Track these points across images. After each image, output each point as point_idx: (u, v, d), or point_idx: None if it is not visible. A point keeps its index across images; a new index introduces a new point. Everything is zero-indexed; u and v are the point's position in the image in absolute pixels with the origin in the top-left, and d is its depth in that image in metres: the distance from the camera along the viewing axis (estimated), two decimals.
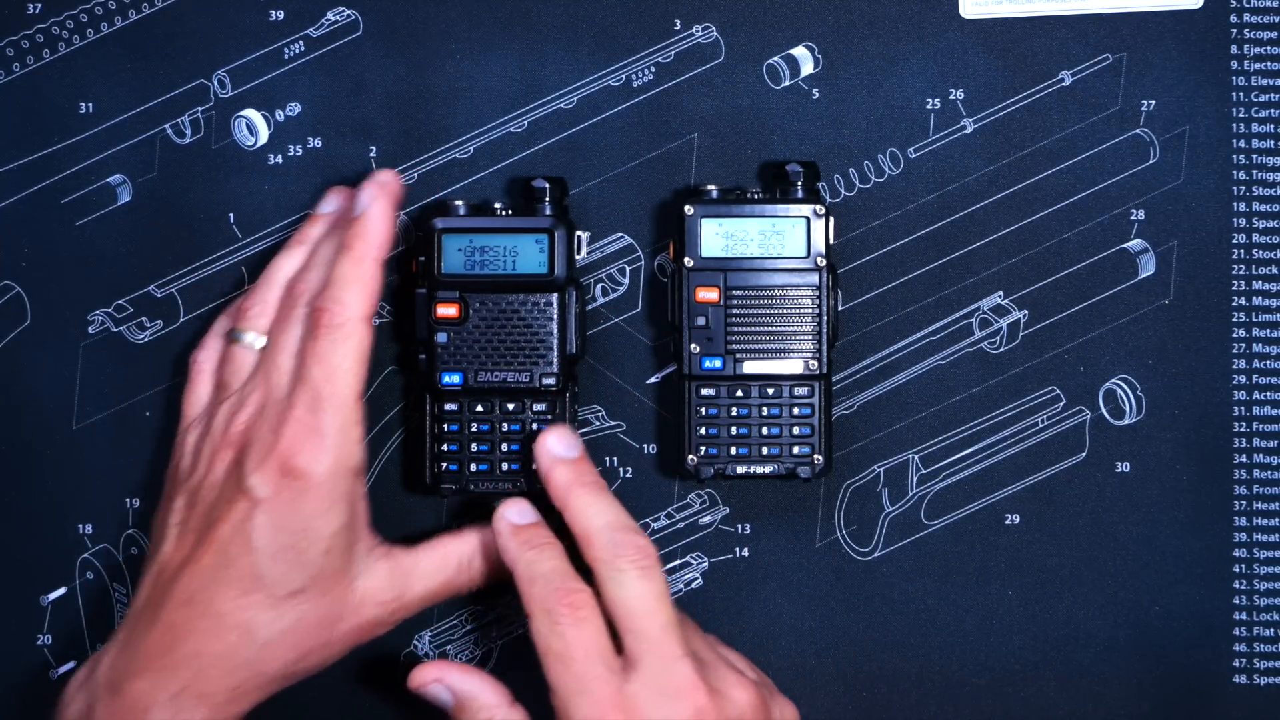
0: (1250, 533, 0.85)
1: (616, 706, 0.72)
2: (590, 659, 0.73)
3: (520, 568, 0.75)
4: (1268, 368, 0.85)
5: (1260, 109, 0.85)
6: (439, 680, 0.76)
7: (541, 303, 0.80)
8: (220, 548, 0.74)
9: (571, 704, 0.72)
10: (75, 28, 0.85)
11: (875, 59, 0.85)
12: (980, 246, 0.85)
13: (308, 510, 0.74)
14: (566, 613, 0.73)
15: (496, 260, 0.81)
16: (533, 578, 0.75)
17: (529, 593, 0.74)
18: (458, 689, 0.76)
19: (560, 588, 0.74)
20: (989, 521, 0.85)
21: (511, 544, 0.76)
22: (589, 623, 0.73)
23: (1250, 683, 0.85)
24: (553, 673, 0.73)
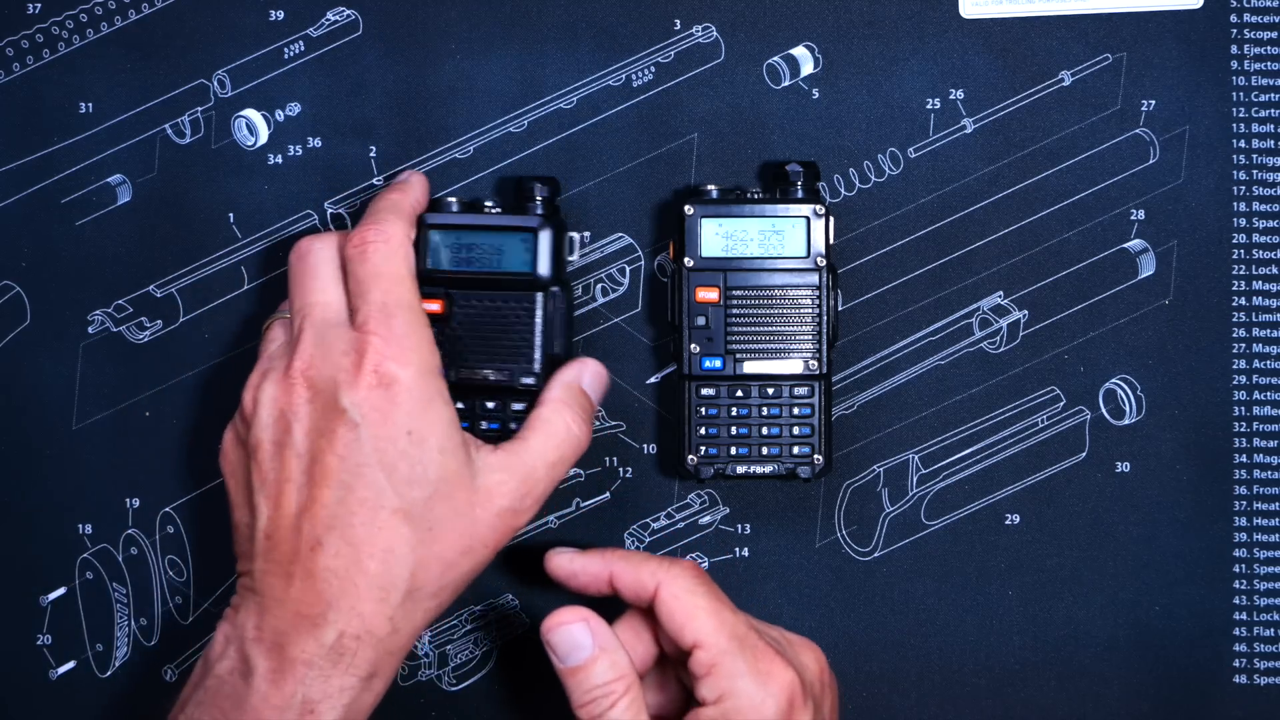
0: (1250, 533, 0.85)
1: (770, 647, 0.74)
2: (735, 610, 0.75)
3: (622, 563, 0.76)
4: (1268, 368, 0.85)
5: (1260, 109, 0.85)
6: (585, 621, 0.74)
7: (524, 302, 0.80)
8: (336, 480, 0.72)
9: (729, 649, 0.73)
10: (75, 28, 0.85)
11: (875, 59, 0.85)
12: (980, 246, 0.85)
13: (410, 414, 0.73)
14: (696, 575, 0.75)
15: (482, 258, 0.80)
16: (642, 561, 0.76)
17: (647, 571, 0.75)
18: (601, 637, 0.74)
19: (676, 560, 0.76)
20: (989, 521, 0.85)
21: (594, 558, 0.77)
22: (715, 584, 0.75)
23: (1250, 683, 0.85)
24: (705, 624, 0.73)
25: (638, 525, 0.85)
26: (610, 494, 0.86)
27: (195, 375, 0.85)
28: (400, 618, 0.72)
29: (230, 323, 0.85)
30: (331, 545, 0.72)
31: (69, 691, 0.86)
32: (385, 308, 0.74)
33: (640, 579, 0.75)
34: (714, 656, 0.73)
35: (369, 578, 0.72)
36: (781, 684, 0.73)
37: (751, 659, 0.73)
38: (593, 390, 0.79)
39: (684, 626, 0.73)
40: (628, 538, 0.85)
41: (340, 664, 0.71)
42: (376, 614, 0.72)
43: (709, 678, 0.73)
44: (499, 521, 0.74)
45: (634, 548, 0.85)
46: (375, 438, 0.72)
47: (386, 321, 0.73)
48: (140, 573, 0.86)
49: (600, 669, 0.73)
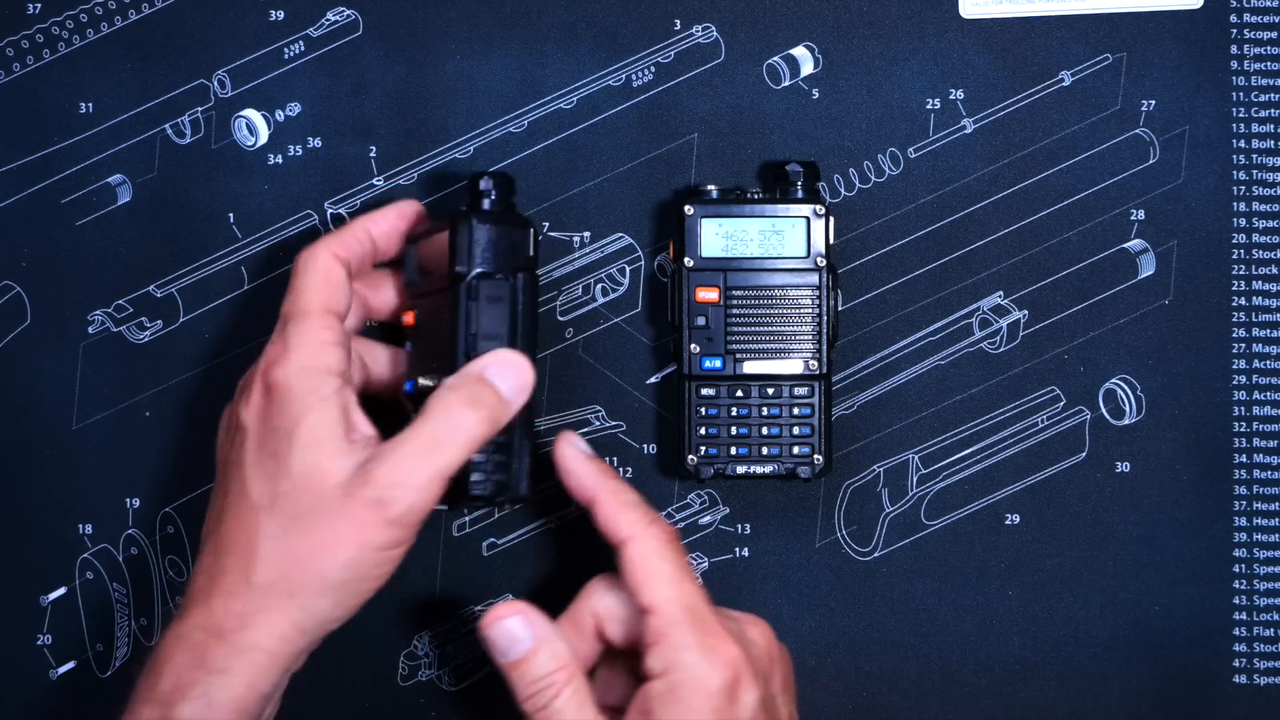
0: (1250, 533, 0.85)
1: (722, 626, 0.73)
2: (697, 582, 0.74)
3: (608, 496, 0.75)
4: (1268, 368, 0.85)
5: (1260, 109, 0.85)
6: (521, 614, 0.74)
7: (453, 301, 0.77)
8: (224, 484, 0.74)
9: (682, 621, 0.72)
10: (75, 28, 0.85)
11: (875, 59, 0.85)
12: (980, 246, 0.85)
13: (283, 411, 0.73)
14: (670, 539, 0.74)
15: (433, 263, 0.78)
16: (626, 504, 0.75)
17: (625, 518, 0.74)
18: (539, 629, 0.74)
19: (657, 518, 0.75)
20: (989, 521, 0.85)
21: (590, 473, 0.76)
22: (685, 554, 0.75)
23: (1250, 683, 0.85)
24: (663, 590, 0.73)
25: None
26: None
27: (195, 375, 0.85)
28: (250, 613, 0.71)
29: (230, 323, 0.85)
30: (208, 544, 0.74)
31: (69, 691, 0.86)
32: (284, 317, 0.75)
33: (616, 523, 0.75)
34: (664, 625, 0.72)
35: (225, 573, 0.72)
36: (727, 659, 0.72)
37: (701, 633, 0.73)
38: (501, 379, 0.75)
39: (642, 587, 0.73)
40: None
41: (192, 657, 0.71)
42: (223, 608, 0.71)
43: (657, 647, 0.73)
44: (366, 513, 0.71)
45: None
46: (254, 439, 0.73)
47: (281, 329, 0.75)
48: (140, 573, 0.86)
49: (540, 660, 0.73)
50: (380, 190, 0.85)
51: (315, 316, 0.75)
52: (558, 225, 0.85)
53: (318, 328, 0.75)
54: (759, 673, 0.74)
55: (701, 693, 0.72)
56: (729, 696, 0.72)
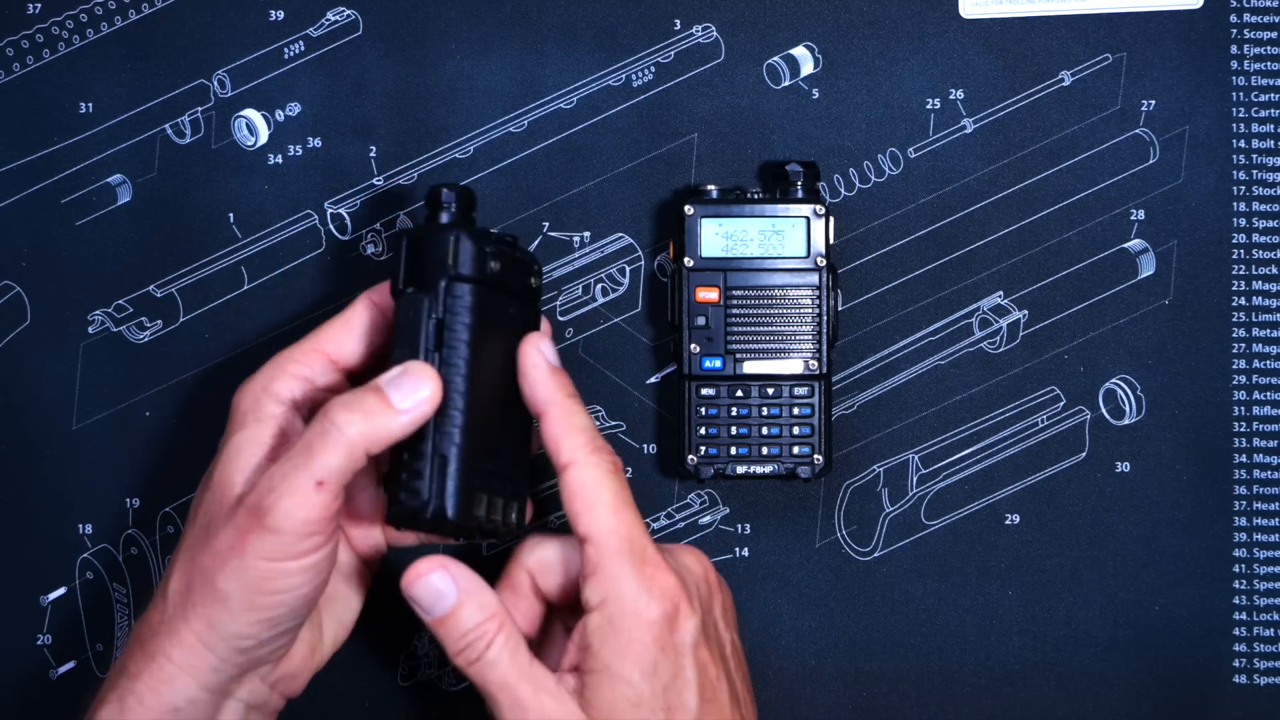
0: (1250, 533, 0.85)
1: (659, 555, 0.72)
2: (636, 511, 0.72)
3: (556, 414, 0.74)
4: (1268, 368, 0.85)
5: (1260, 109, 0.85)
6: (443, 569, 0.72)
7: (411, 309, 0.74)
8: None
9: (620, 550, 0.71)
10: (75, 28, 0.85)
11: (875, 59, 0.85)
12: (980, 246, 0.85)
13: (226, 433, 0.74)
14: (612, 468, 0.72)
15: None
16: (573, 428, 0.73)
17: (568, 442, 0.73)
18: (463, 582, 0.72)
19: (602, 446, 0.73)
20: (989, 521, 0.85)
21: (549, 382, 0.74)
22: (626, 485, 0.73)
23: (1250, 683, 0.85)
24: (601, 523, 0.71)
25: None
26: None
27: (195, 375, 0.85)
28: (160, 622, 0.71)
29: (230, 323, 0.85)
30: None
31: (69, 691, 0.86)
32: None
33: (559, 444, 0.73)
34: (601, 556, 0.71)
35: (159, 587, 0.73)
36: (664, 588, 0.71)
37: (638, 563, 0.71)
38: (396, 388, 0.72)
39: (580, 515, 0.72)
40: None
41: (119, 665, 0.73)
42: (145, 618, 0.73)
43: (594, 578, 0.71)
44: (247, 521, 0.70)
45: None
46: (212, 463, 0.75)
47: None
48: (140, 573, 0.86)
49: (468, 612, 0.71)
50: (380, 190, 0.85)
51: (298, 349, 0.75)
52: (558, 225, 0.85)
53: (290, 359, 0.75)
54: (698, 600, 0.73)
55: (640, 623, 0.71)
56: (668, 625, 0.71)
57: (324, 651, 0.76)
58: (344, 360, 0.76)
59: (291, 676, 0.75)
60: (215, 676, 0.71)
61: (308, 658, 0.75)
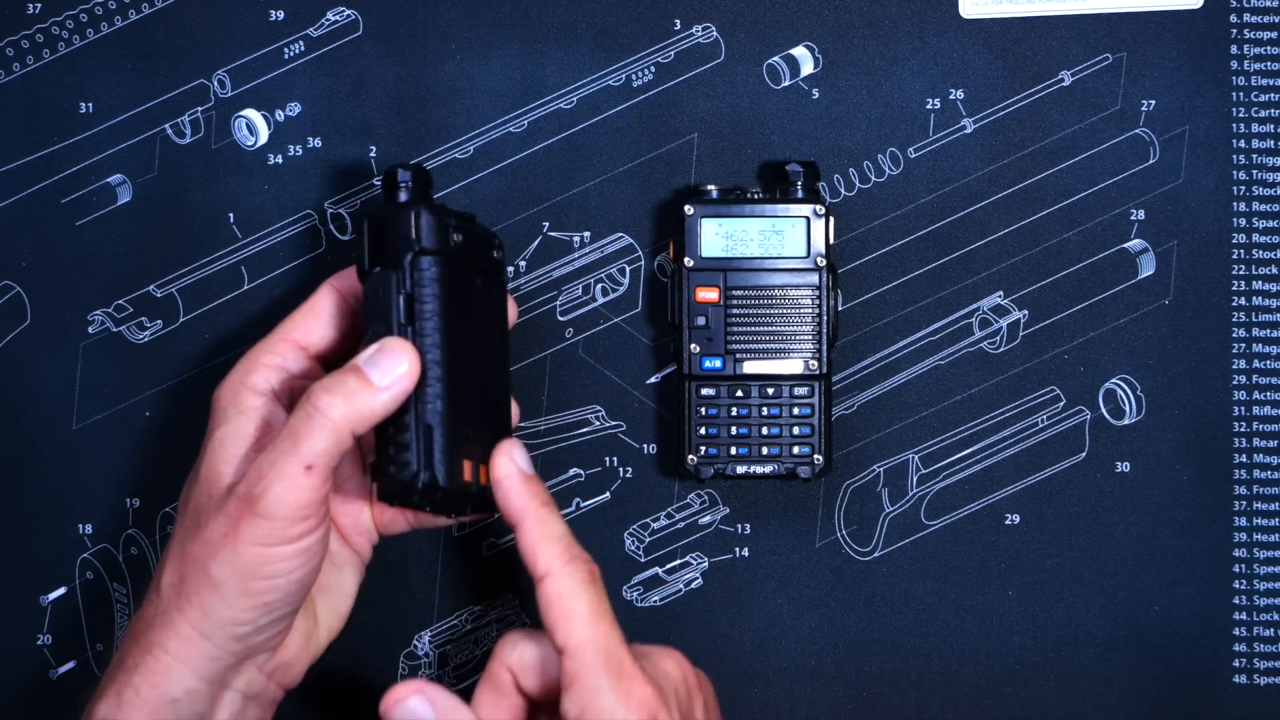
0: (1250, 533, 0.85)
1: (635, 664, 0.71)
2: (613, 623, 0.71)
3: (531, 523, 0.73)
4: (1268, 368, 0.85)
5: (1260, 109, 0.85)
6: (420, 693, 0.72)
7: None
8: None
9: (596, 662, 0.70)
10: (75, 28, 0.85)
11: (875, 59, 0.85)
12: (980, 246, 0.85)
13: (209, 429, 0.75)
14: (588, 578, 0.71)
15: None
16: (549, 537, 0.72)
17: (544, 553, 0.72)
18: (440, 704, 0.72)
19: (578, 554, 0.72)
20: (989, 521, 0.85)
21: (520, 493, 0.73)
22: (604, 592, 0.72)
23: (1250, 683, 0.85)
24: (578, 632, 0.71)
25: (638, 525, 0.85)
26: (610, 494, 0.86)
27: (195, 375, 0.85)
28: (155, 615, 0.72)
29: (230, 323, 0.85)
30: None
31: (69, 691, 0.86)
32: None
33: (535, 556, 0.72)
34: (578, 668, 0.71)
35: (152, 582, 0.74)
36: (641, 699, 0.71)
37: (615, 676, 0.70)
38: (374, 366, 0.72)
39: (557, 626, 0.71)
40: (628, 538, 0.85)
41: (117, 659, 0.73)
42: (140, 612, 0.73)
43: (572, 690, 0.71)
44: (238, 508, 0.70)
45: (634, 548, 0.86)
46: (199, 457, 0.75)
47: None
48: (140, 573, 0.86)
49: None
50: (379, 190, 0.83)
51: (270, 340, 0.76)
52: (558, 225, 0.85)
53: (263, 351, 0.76)
54: (677, 707, 0.73)
55: None
56: None
57: (320, 640, 0.77)
58: (314, 346, 0.77)
59: (288, 665, 0.75)
60: (212, 666, 0.71)
61: (304, 646, 0.76)
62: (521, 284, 0.85)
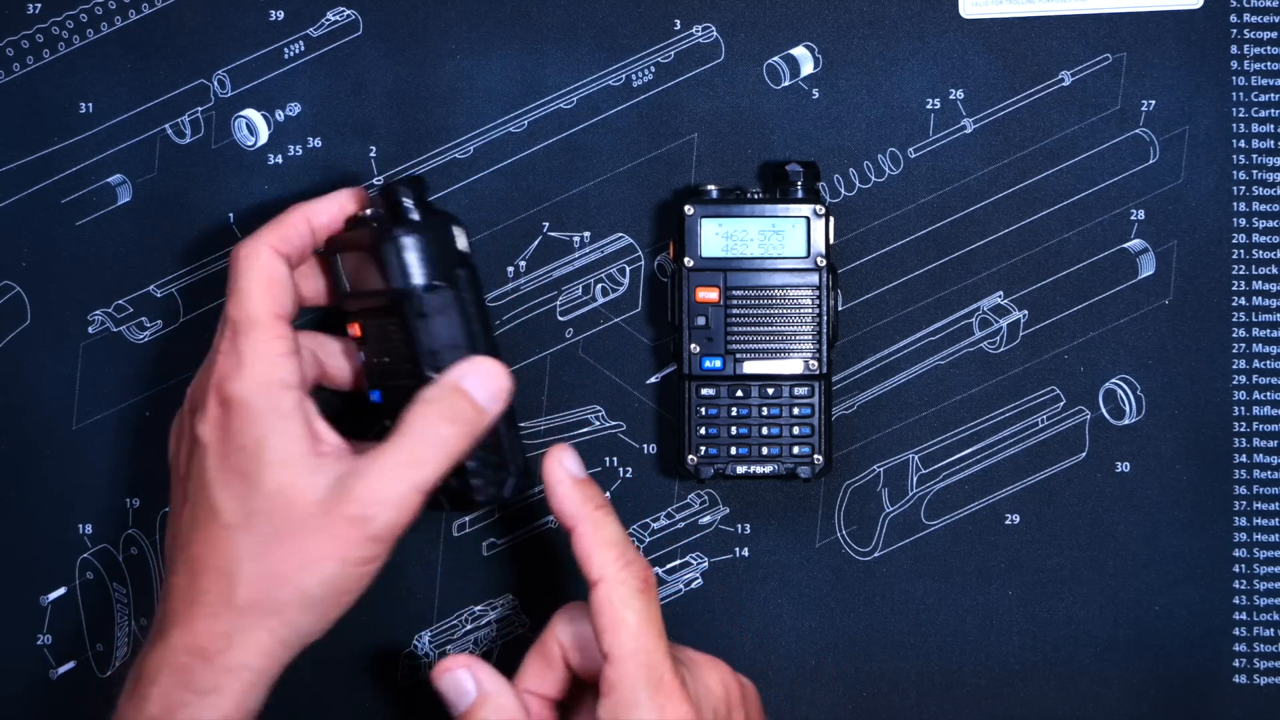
0: (1250, 533, 0.85)
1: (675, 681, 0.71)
2: (660, 637, 0.72)
3: (586, 528, 0.73)
4: (1268, 368, 0.85)
5: (1260, 109, 0.85)
6: (468, 668, 0.74)
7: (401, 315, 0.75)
8: (189, 500, 0.73)
9: (637, 677, 0.71)
10: (75, 28, 0.86)
11: (875, 59, 0.85)
12: (980, 246, 0.85)
13: (245, 430, 0.72)
14: (642, 586, 0.72)
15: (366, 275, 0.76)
16: (604, 542, 0.73)
17: (598, 558, 0.72)
18: (485, 683, 0.74)
19: (633, 560, 0.73)
20: (989, 521, 0.85)
21: (574, 498, 0.74)
22: (656, 602, 0.72)
23: (1250, 682, 0.85)
24: (623, 644, 0.71)
25: (638, 525, 0.86)
26: (610, 494, 0.86)
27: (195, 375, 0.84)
28: (235, 634, 0.71)
29: None
30: (178, 563, 0.73)
31: (69, 691, 0.86)
32: (232, 325, 0.74)
33: (590, 560, 0.72)
34: (619, 677, 0.71)
35: (203, 594, 0.72)
36: (675, 718, 0.71)
37: (653, 691, 0.71)
38: (478, 389, 0.75)
39: (604, 633, 0.72)
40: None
41: (176, 678, 0.71)
42: (207, 631, 0.71)
43: (609, 698, 0.71)
44: (346, 530, 0.71)
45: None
46: (216, 455, 0.72)
47: (231, 339, 0.74)
48: (140, 573, 0.86)
49: (485, 713, 0.73)
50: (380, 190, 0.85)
51: (266, 325, 0.74)
52: (558, 225, 0.86)
53: (270, 337, 0.74)
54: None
55: None
56: None
57: None
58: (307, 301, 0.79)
59: None
60: (280, 671, 0.73)
61: None
62: (521, 284, 0.85)
